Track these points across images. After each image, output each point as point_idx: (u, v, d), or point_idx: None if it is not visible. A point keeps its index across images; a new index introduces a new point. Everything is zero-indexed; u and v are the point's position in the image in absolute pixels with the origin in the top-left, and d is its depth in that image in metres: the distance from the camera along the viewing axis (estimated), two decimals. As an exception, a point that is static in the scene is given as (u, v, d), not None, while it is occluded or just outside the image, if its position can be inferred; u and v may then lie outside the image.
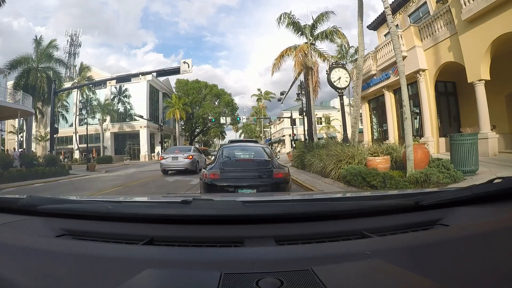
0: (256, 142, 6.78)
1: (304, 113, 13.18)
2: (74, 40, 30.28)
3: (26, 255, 0.65)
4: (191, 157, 11.70)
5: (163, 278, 0.55)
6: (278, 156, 6.79)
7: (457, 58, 8.86)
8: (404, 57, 11.54)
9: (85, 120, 33.92)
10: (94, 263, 0.62)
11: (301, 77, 15.32)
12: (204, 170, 4.20)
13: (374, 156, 6.02)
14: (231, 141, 6.47)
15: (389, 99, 12.37)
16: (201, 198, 1.06)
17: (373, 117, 14.46)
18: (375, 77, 12.62)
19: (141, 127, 35.73)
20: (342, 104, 9.28)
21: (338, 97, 9.50)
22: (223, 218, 0.85)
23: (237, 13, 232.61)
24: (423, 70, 10.21)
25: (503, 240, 0.67)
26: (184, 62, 14.16)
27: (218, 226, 0.83)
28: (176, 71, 14.53)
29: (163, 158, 11.93)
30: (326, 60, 14.17)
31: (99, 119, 34.48)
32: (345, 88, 9.20)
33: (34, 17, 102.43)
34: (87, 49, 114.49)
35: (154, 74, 14.73)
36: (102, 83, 15.92)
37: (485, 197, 0.89)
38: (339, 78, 8.88)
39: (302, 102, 16.65)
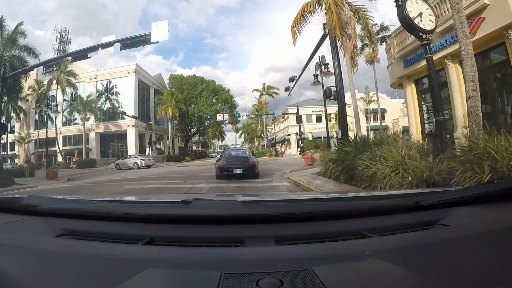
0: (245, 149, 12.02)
1: (333, 96, 8.83)
2: (63, 36, 26.78)
3: (27, 255, 0.68)
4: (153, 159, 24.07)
5: (163, 278, 0.56)
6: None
7: None
8: (484, 7, 7.51)
9: (58, 118, 30.28)
10: (94, 263, 0.64)
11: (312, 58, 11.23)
12: (218, 162, 9.51)
13: None
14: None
15: (455, 74, 8.41)
16: (201, 198, 1.03)
17: (422, 102, 10.49)
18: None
19: (128, 126, 32.24)
20: (429, 60, 5.24)
21: (423, 47, 5.46)
22: (223, 218, 0.87)
23: (236, 15, 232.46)
24: (518, 24, 6.27)
25: (503, 240, 0.68)
26: (157, 25, 10.16)
27: (218, 226, 0.85)
28: (146, 39, 10.62)
29: (143, 160, 22.05)
30: (360, 19, 10.05)
31: (81, 117, 30.56)
32: (431, 31, 5.20)
33: (33, 20, 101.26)
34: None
35: (118, 45, 10.85)
36: (55, 61, 12.07)
37: (485, 197, 0.90)
38: (420, 14, 4.93)
39: (322, 85, 12.55)
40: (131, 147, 32.58)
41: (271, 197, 1.80)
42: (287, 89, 18.22)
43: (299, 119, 29.27)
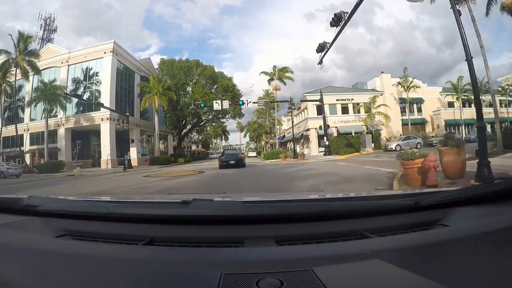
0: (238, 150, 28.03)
1: None
2: (48, 24, 21.25)
3: (27, 255, 0.70)
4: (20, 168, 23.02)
5: (163, 279, 0.58)
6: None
7: None
8: None
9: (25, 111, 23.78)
10: (94, 263, 0.66)
11: None
12: (220, 157, 18.56)
13: None
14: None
15: None
16: (201, 199, 1.07)
17: None
18: None
19: (102, 119, 25.66)
20: None
21: None
22: (223, 218, 0.90)
23: (241, 15, 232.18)
24: None
25: (503, 240, 0.70)
26: None
27: (218, 226, 0.88)
28: None
29: (9, 169, 20.93)
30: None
31: (44, 109, 24.44)
32: None
33: (37, 21, 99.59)
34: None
35: None
36: None
37: (485, 197, 0.92)
38: None
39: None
40: (105, 145, 27.27)
41: (271, 197, 1.87)
42: (321, 49, 10.94)
43: (323, 109, 22.52)
